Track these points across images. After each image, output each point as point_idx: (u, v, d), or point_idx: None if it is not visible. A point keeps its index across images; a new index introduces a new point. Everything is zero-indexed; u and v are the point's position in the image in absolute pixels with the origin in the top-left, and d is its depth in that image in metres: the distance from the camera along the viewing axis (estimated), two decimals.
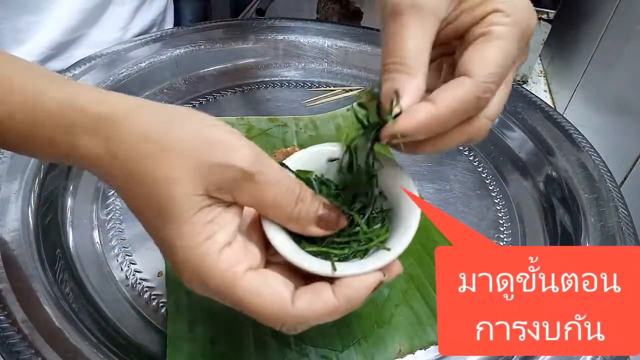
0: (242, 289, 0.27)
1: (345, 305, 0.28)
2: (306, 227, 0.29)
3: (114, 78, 0.57)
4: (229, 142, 0.27)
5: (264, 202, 0.28)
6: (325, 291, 0.28)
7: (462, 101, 0.27)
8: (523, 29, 0.28)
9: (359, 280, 0.28)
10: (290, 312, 0.27)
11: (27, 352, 0.34)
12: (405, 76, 0.28)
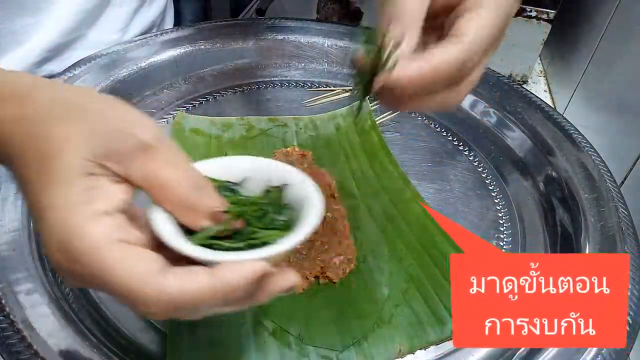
0: (109, 255, 0.24)
1: (221, 287, 0.25)
2: (198, 220, 0.28)
3: (114, 78, 0.57)
4: (133, 115, 0.27)
5: (158, 180, 0.26)
6: (201, 272, 0.25)
7: (452, 61, 0.29)
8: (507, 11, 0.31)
9: (238, 265, 0.25)
10: (157, 283, 0.24)
11: (27, 352, 0.34)
12: (403, 31, 0.30)
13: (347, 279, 0.43)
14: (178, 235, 0.27)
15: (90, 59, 0.58)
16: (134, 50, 0.61)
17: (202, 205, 0.27)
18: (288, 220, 0.30)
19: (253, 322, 0.39)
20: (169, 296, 0.24)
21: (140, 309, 0.25)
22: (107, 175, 0.26)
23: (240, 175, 0.32)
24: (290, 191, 0.32)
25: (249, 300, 0.27)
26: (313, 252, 0.43)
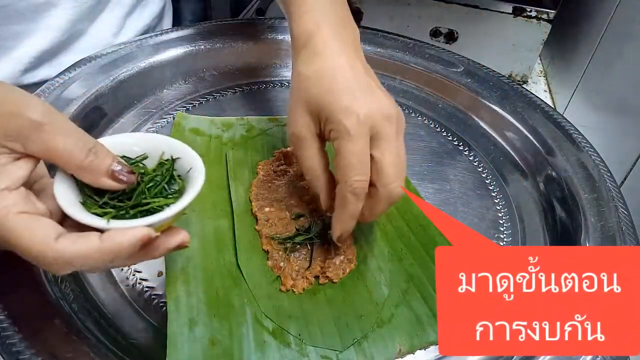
0: (12, 223, 0.29)
1: (109, 247, 0.30)
2: (98, 178, 0.32)
3: (114, 78, 0.57)
4: (21, 97, 0.31)
5: (55, 151, 0.30)
6: (92, 235, 0.30)
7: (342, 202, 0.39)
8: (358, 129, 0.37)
9: (127, 229, 0.30)
10: (53, 247, 0.29)
11: (27, 352, 0.34)
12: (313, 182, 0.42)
13: (347, 279, 0.43)
14: (77, 206, 0.31)
15: (90, 59, 0.58)
16: (134, 50, 0.61)
17: (98, 164, 0.32)
18: (178, 190, 0.35)
19: (253, 322, 0.39)
20: (64, 257, 0.29)
21: (44, 268, 0.31)
22: (6, 154, 0.30)
23: (138, 151, 0.36)
24: (180, 163, 0.35)
25: (141, 257, 0.32)
26: (313, 252, 0.43)
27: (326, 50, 0.42)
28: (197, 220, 0.46)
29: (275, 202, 0.47)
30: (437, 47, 0.69)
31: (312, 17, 0.43)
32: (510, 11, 0.79)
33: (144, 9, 0.68)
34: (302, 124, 0.41)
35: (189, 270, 0.42)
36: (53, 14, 0.56)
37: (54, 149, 0.30)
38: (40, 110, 0.30)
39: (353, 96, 0.39)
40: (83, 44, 0.61)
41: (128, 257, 0.31)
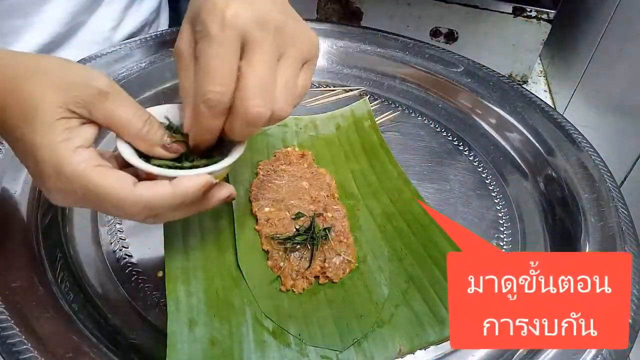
0: (92, 175, 0.32)
1: (180, 191, 0.33)
2: (153, 147, 0.36)
3: (114, 78, 0.57)
4: (88, 70, 0.34)
5: (116, 119, 0.34)
6: (162, 182, 0.34)
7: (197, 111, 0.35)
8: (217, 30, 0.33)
9: (191, 177, 0.34)
10: (132, 192, 0.32)
11: (27, 352, 0.34)
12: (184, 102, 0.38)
13: (347, 279, 0.43)
14: (141, 160, 0.35)
15: (90, 58, 0.58)
16: (134, 49, 0.61)
17: (153, 134, 0.35)
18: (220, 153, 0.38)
19: (253, 322, 0.39)
20: (143, 201, 0.33)
21: (122, 214, 0.34)
22: (76, 118, 0.33)
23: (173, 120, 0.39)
24: None
25: (197, 207, 0.36)
26: (313, 252, 0.43)
27: None
28: (197, 220, 0.46)
29: (275, 202, 0.47)
30: (437, 47, 0.69)
31: None
32: (510, 11, 0.79)
33: (142, 3, 0.68)
34: (181, 40, 0.36)
35: (189, 270, 0.42)
36: (52, 8, 0.56)
37: (117, 117, 0.34)
38: (105, 81, 0.33)
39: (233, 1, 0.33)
40: (82, 38, 0.61)
41: (191, 204, 0.35)
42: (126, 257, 0.44)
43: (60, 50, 0.59)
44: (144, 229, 0.46)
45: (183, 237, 0.45)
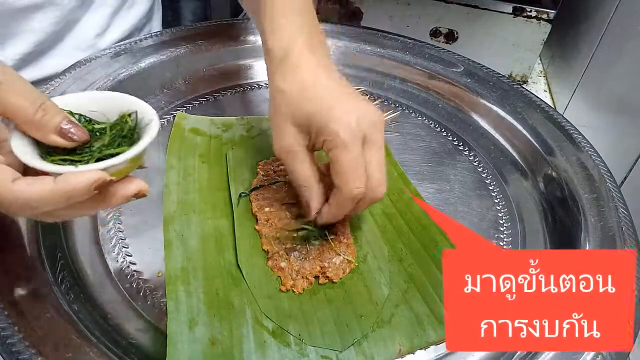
0: None
1: (63, 188, 0.31)
2: (47, 135, 0.33)
3: (114, 78, 0.57)
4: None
5: (9, 106, 0.32)
6: (47, 178, 0.32)
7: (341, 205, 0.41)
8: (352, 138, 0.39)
9: (80, 172, 0.32)
10: (10, 189, 0.31)
11: (27, 352, 0.34)
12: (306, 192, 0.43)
13: (347, 279, 0.43)
14: (34, 156, 0.33)
15: (90, 58, 0.58)
16: (134, 49, 0.61)
17: (48, 120, 0.33)
18: (135, 141, 0.35)
19: (253, 322, 0.39)
20: (23, 198, 0.31)
21: (5, 209, 0.32)
22: None
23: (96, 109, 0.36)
24: (139, 118, 0.36)
25: (96, 204, 0.34)
26: (313, 252, 0.44)
27: (303, 64, 0.43)
28: (197, 220, 0.46)
29: (275, 202, 0.47)
30: (437, 47, 0.69)
31: (287, 32, 0.44)
32: (510, 11, 0.79)
33: (130, 10, 0.67)
34: (290, 138, 0.42)
35: (189, 270, 0.42)
36: (35, 17, 0.55)
37: (10, 104, 0.32)
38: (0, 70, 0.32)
39: (341, 107, 0.40)
40: (67, 45, 0.60)
41: (85, 202, 0.32)
42: (126, 257, 0.44)
43: (44, 59, 0.59)
44: (144, 229, 0.46)
45: (183, 238, 0.45)
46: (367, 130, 0.40)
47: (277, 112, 0.43)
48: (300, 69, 0.43)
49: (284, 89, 0.43)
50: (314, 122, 0.41)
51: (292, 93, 0.42)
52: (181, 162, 0.52)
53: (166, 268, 0.42)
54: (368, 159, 0.41)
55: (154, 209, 0.47)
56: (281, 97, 0.43)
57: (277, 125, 0.43)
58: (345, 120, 0.40)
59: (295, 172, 0.43)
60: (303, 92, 0.42)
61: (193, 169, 0.51)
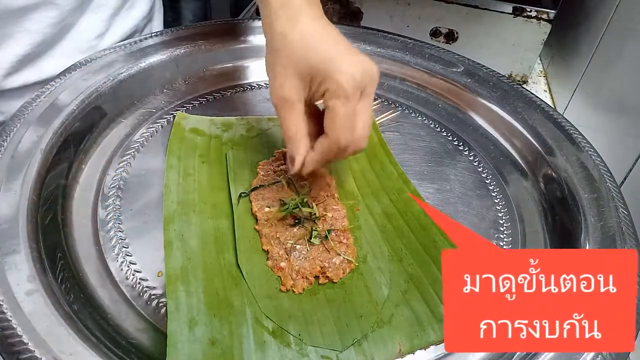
0: None
1: None
2: None
3: (114, 78, 0.57)
4: None
5: None
6: None
7: (325, 152, 0.43)
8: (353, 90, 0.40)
9: None
10: None
11: (27, 352, 0.34)
12: (294, 145, 0.43)
13: (347, 279, 0.43)
14: None
15: (90, 59, 0.58)
16: (134, 49, 0.61)
17: None
18: None
19: (253, 322, 0.39)
20: None
21: None
22: None
23: None
24: None
25: None
26: (313, 252, 0.44)
27: (304, 13, 0.43)
28: (197, 220, 0.46)
29: (275, 202, 0.47)
30: (437, 47, 0.69)
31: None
32: (510, 11, 0.79)
33: (130, 11, 0.66)
34: (291, 88, 0.42)
35: (189, 270, 0.42)
36: (33, 18, 0.55)
37: None
38: None
39: (346, 59, 0.41)
40: (65, 47, 0.60)
41: None
42: (126, 257, 0.44)
43: (43, 60, 0.58)
44: (144, 230, 0.46)
45: (183, 238, 0.45)
46: (367, 84, 0.41)
47: (279, 59, 0.42)
48: (302, 17, 0.42)
49: (287, 34, 0.42)
50: (318, 71, 0.41)
51: (294, 40, 0.42)
52: (181, 162, 0.52)
53: (166, 268, 0.42)
54: (359, 112, 0.42)
55: (153, 209, 0.47)
56: (283, 42, 0.42)
57: (278, 73, 0.43)
58: (351, 73, 0.40)
59: (287, 124, 0.43)
60: (306, 40, 0.42)
61: (193, 169, 0.51)
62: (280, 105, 0.43)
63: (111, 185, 0.49)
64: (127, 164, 0.52)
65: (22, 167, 0.45)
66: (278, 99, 0.43)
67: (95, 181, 0.50)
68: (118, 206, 0.48)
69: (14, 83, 0.57)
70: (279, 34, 0.42)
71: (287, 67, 0.42)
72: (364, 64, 0.41)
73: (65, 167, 0.49)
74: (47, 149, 0.47)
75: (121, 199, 0.48)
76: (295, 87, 0.42)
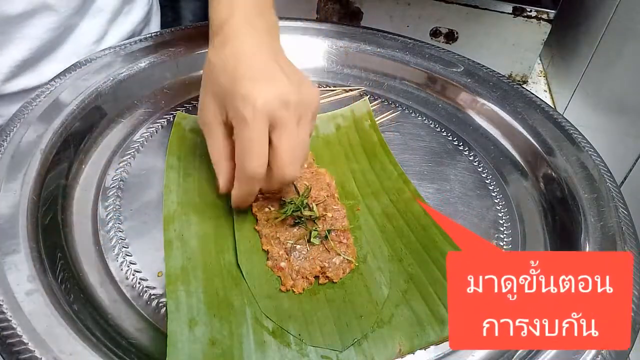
0: None
1: None
2: None
3: (114, 78, 0.57)
4: None
5: None
6: None
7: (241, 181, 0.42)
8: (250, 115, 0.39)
9: None
10: None
11: (27, 352, 0.34)
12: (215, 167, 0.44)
13: (347, 279, 0.43)
14: None
15: (90, 59, 0.58)
16: (134, 49, 0.61)
17: None
18: None
19: (253, 322, 0.39)
20: None
21: None
22: None
23: None
24: None
25: None
26: (313, 252, 0.44)
27: (236, 37, 0.42)
28: (197, 220, 0.46)
29: (275, 202, 0.47)
30: (437, 47, 0.69)
31: (228, 3, 0.44)
32: (510, 11, 0.79)
33: (127, 15, 0.66)
34: (209, 112, 0.43)
35: (189, 270, 0.42)
36: (31, 24, 0.55)
37: None
38: None
39: (252, 83, 0.39)
40: (64, 52, 0.60)
41: None
42: (126, 257, 0.44)
43: (42, 65, 0.58)
44: (144, 230, 0.46)
45: (183, 237, 0.45)
46: (276, 111, 0.39)
47: (203, 84, 0.44)
48: (231, 41, 0.42)
49: (211, 61, 0.43)
50: (226, 97, 0.41)
51: (216, 66, 0.42)
52: (181, 162, 0.52)
53: (166, 268, 0.42)
54: (276, 140, 0.40)
55: (154, 209, 0.47)
56: (208, 69, 0.43)
57: (201, 98, 0.44)
58: (252, 97, 0.39)
59: (209, 147, 0.44)
60: (225, 66, 0.42)
61: (193, 169, 0.51)
62: (203, 130, 0.44)
63: (111, 185, 0.49)
64: (127, 164, 0.52)
65: (22, 167, 0.45)
66: (200, 123, 0.44)
67: (95, 181, 0.50)
68: (118, 206, 0.48)
69: (13, 88, 0.57)
70: (207, 60, 0.44)
71: (206, 92, 0.43)
72: (273, 90, 0.39)
73: (65, 167, 0.49)
74: (47, 149, 0.47)
75: (121, 199, 0.48)
76: (212, 111, 0.43)
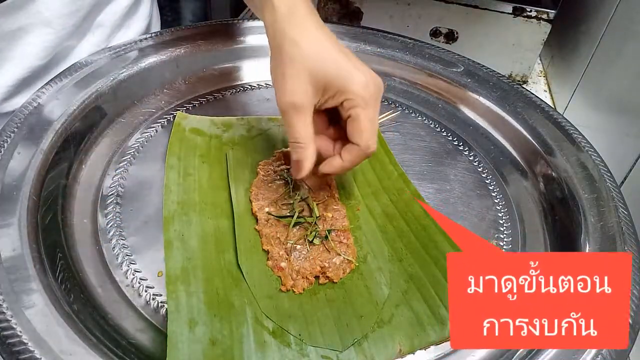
0: None
1: None
2: None
3: (114, 78, 0.57)
4: None
5: None
6: None
7: (356, 159, 0.44)
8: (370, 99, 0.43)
9: None
10: None
11: (27, 352, 0.34)
12: (302, 150, 0.43)
13: (347, 279, 0.43)
14: None
15: (91, 59, 0.58)
16: (134, 49, 0.61)
17: None
18: None
19: (253, 322, 0.39)
20: None
21: None
22: None
23: None
24: None
25: None
26: (313, 252, 0.44)
27: (311, 23, 0.44)
28: (197, 220, 0.46)
29: (275, 202, 0.47)
30: (437, 47, 0.69)
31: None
32: (510, 11, 0.79)
33: (128, 30, 0.66)
34: (302, 94, 0.43)
35: (189, 270, 0.42)
36: (28, 41, 0.55)
37: None
38: None
39: (359, 70, 0.43)
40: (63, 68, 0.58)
41: None
42: (126, 257, 0.44)
43: (40, 83, 0.57)
44: (145, 230, 0.46)
45: (183, 238, 0.45)
46: (378, 94, 0.44)
47: (290, 65, 0.42)
48: (310, 26, 0.44)
49: (298, 40, 0.43)
50: (335, 82, 0.42)
51: (307, 48, 0.42)
52: (181, 162, 0.52)
53: (166, 268, 0.42)
54: (366, 116, 0.44)
55: (153, 209, 0.47)
56: (296, 49, 0.42)
57: (289, 77, 0.42)
58: (365, 83, 0.43)
59: (296, 129, 0.43)
60: (320, 50, 0.43)
61: (193, 169, 0.51)
62: (289, 110, 0.43)
63: (111, 186, 0.49)
64: (127, 164, 0.52)
65: (22, 167, 0.45)
66: (288, 104, 0.43)
67: (95, 181, 0.50)
68: (118, 206, 0.48)
69: (12, 107, 0.57)
70: (290, 40, 0.43)
71: (299, 74, 0.42)
72: (371, 74, 0.44)
73: (65, 167, 0.49)
74: (47, 149, 0.47)
75: (121, 199, 0.48)
76: (306, 94, 0.43)
